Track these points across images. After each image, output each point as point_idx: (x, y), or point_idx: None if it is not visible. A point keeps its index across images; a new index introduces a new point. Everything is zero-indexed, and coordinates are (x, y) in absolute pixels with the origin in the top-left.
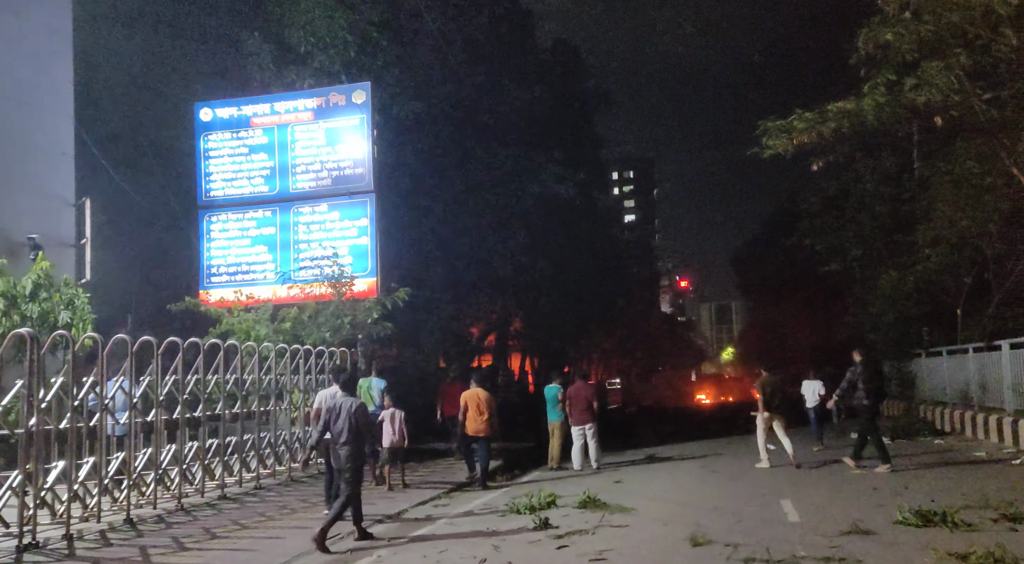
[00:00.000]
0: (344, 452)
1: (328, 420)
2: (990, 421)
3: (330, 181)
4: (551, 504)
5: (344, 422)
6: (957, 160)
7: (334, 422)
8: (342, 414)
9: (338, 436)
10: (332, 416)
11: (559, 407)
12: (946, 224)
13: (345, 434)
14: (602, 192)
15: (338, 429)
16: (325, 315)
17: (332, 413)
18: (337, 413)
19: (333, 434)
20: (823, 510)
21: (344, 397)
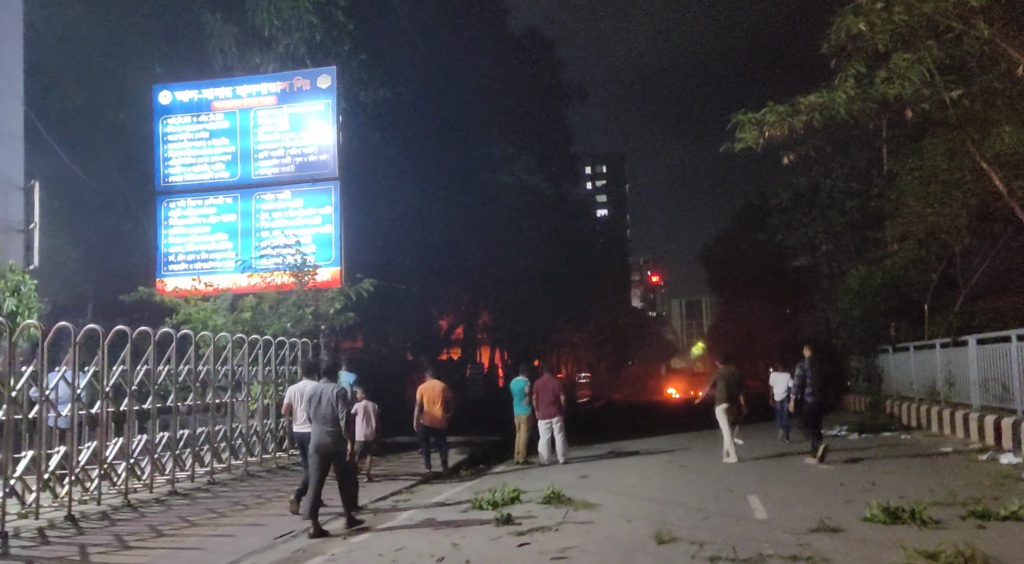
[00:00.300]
0: (330, 437)
1: (308, 409)
2: (956, 416)
3: (293, 168)
4: (514, 499)
5: (327, 407)
6: (926, 156)
7: (316, 408)
8: (323, 400)
9: (320, 421)
10: (314, 403)
11: (525, 400)
12: (914, 219)
13: (329, 419)
14: (573, 185)
15: (321, 415)
16: (286, 305)
17: (313, 400)
18: (318, 399)
19: (315, 420)
20: (790, 506)
21: (325, 383)
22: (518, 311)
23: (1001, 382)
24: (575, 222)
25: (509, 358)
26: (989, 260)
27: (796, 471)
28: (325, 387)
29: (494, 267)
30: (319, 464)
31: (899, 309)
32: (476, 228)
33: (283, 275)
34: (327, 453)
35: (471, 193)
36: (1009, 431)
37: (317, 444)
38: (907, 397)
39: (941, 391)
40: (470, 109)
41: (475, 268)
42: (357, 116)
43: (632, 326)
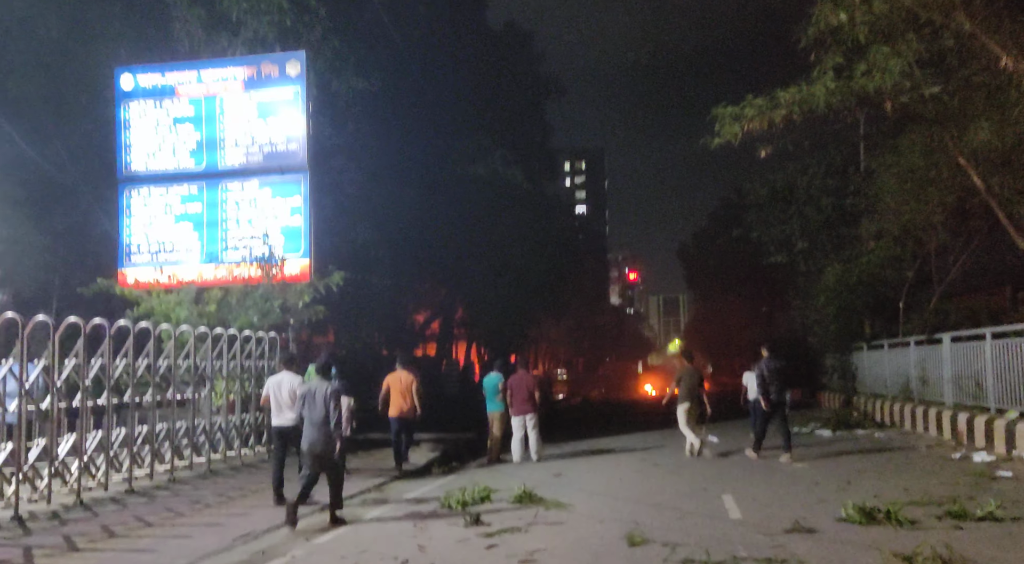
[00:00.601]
0: (321, 435)
1: (302, 405)
2: (930, 414)
3: (261, 157)
4: (485, 499)
5: (320, 406)
6: (903, 153)
7: (310, 406)
8: (317, 398)
9: (313, 419)
10: (307, 401)
11: (499, 397)
12: (891, 217)
13: (322, 418)
14: (552, 180)
15: (315, 413)
16: (253, 298)
17: (307, 397)
18: (312, 397)
19: (308, 417)
20: (765, 506)
21: (319, 382)
22: (494, 306)
23: (975, 380)
24: (553, 216)
25: (486, 354)
26: (964, 258)
27: (771, 470)
28: (319, 385)
29: (470, 261)
30: (310, 462)
31: (874, 307)
32: (451, 221)
33: (250, 267)
34: (318, 452)
35: (446, 186)
36: (982, 429)
37: (310, 443)
38: (881, 395)
39: (915, 389)
40: (446, 101)
41: (450, 262)
42: (329, 106)
43: (610, 323)
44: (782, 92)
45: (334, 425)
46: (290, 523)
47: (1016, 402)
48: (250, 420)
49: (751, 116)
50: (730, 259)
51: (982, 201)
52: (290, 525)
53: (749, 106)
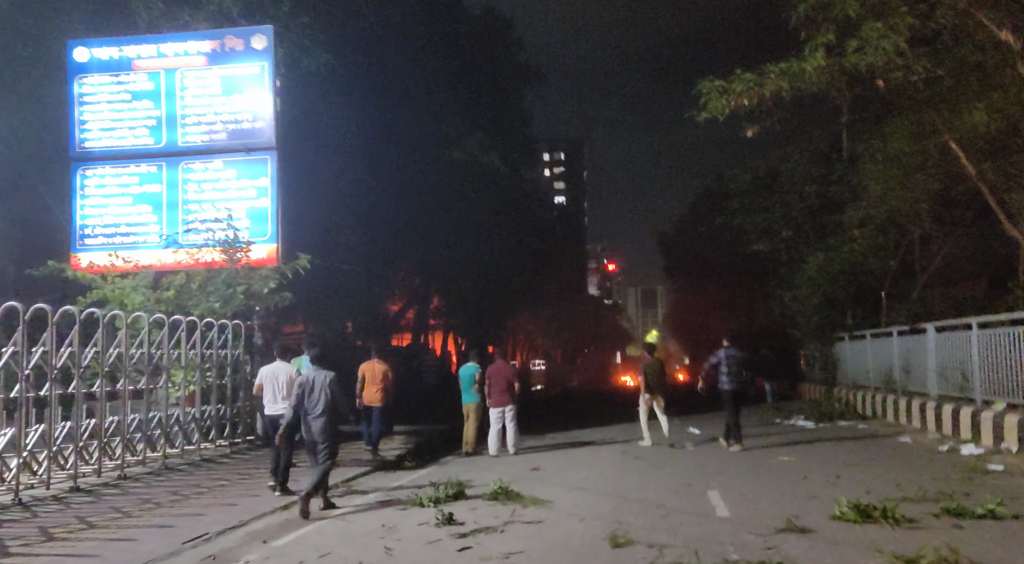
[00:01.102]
0: (319, 424)
1: (301, 395)
2: (913, 406)
3: (225, 135)
4: (458, 495)
5: (319, 395)
6: (889, 138)
7: (308, 395)
8: (316, 387)
9: (313, 409)
10: (306, 389)
11: (475, 388)
12: (875, 203)
13: (321, 407)
14: (531, 168)
15: (313, 402)
16: (215, 283)
17: (305, 387)
18: (311, 386)
19: (307, 407)
20: (754, 503)
21: (317, 370)
22: (471, 294)
23: (960, 371)
24: (532, 204)
25: (463, 344)
26: (948, 247)
27: (755, 463)
28: (317, 374)
29: (445, 248)
30: (309, 449)
31: (857, 297)
32: (427, 207)
33: (213, 251)
34: (316, 440)
35: (421, 170)
36: (968, 421)
37: (309, 432)
38: (863, 386)
39: (898, 380)
40: (421, 84)
41: (425, 249)
42: (299, 84)
43: (588, 313)
44: (772, 66)
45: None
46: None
47: (1003, 393)
48: (211, 412)
49: (739, 90)
50: (711, 248)
51: (969, 188)
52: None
53: (738, 80)
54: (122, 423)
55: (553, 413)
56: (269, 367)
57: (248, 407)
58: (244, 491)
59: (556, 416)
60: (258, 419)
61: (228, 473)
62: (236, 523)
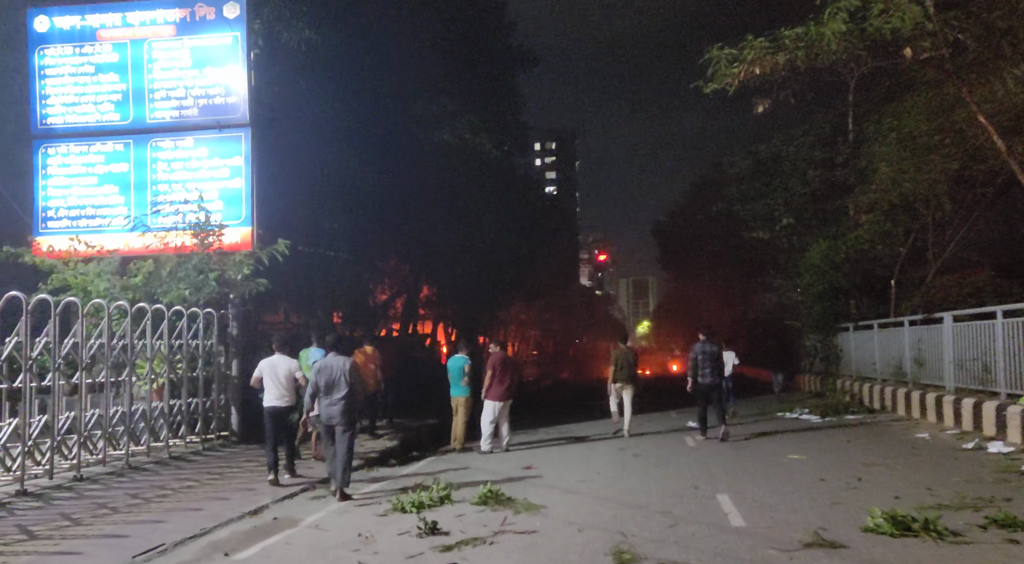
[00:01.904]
0: (339, 408)
1: (318, 383)
2: (928, 399)
3: (196, 111)
4: (444, 499)
5: (340, 379)
6: (903, 117)
7: (328, 380)
8: (336, 372)
9: (333, 393)
10: (324, 377)
11: (464, 381)
12: (888, 186)
13: (342, 391)
14: (523, 155)
15: (334, 387)
16: (186, 269)
17: (323, 372)
18: (330, 372)
19: (327, 391)
20: (770, 510)
21: (335, 356)
22: (462, 282)
23: (981, 362)
24: (524, 189)
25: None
26: (964, 230)
27: (765, 462)
28: (335, 360)
29: (434, 235)
30: (329, 434)
31: (862, 285)
32: (415, 191)
33: (184, 235)
34: (334, 425)
35: (409, 153)
36: (992, 416)
37: (328, 417)
38: (869, 378)
39: (909, 372)
40: (409, 63)
41: (414, 234)
42: (279, 59)
43: (580, 304)
44: (787, 32)
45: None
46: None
47: None
48: (182, 407)
49: (751, 58)
50: (707, 237)
51: (990, 168)
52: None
53: (749, 48)
54: (79, 419)
55: (546, 405)
56: (268, 360)
57: (223, 401)
58: (212, 493)
59: (549, 409)
60: (233, 414)
61: (198, 473)
62: (198, 532)
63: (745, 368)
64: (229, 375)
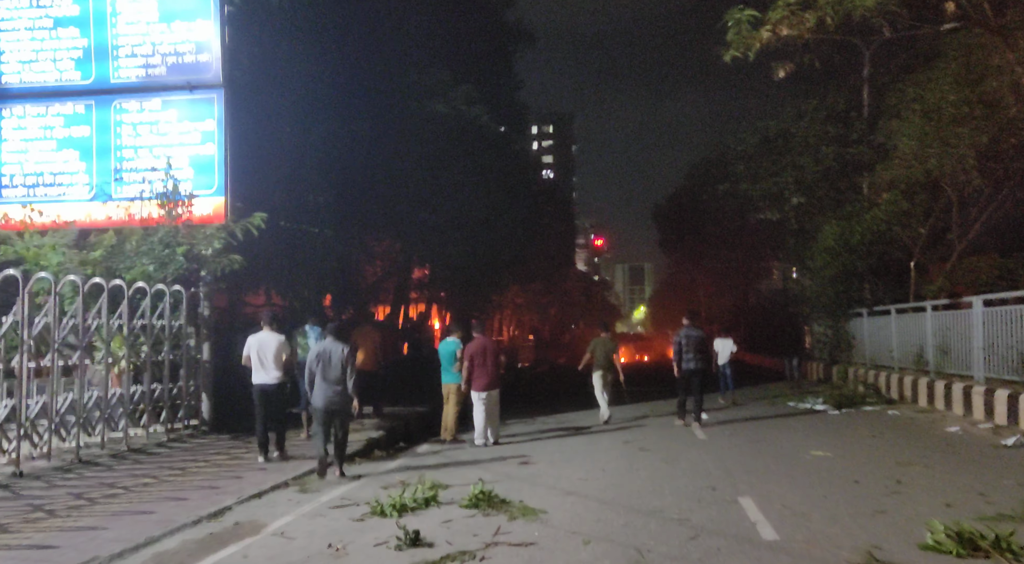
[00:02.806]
0: (338, 393)
1: (314, 368)
2: (954, 390)
3: (165, 69)
4: (430, 501)
5: (337, 365)
6: (930, 87)
7: (327, 366)
8: (333, 359)
9: (331, 378)
10: (322, 360)
11: (456, 367)
12: (910, 162)
13: (341, 377)
14: (520, 135)
15: (331, 373)
16: (150, 243)
17: (323, 356)
18: (328, 357)
19: (324, 376)
20: (804, 519)
21: (333, 342)
22: (456, 264)
23: (1017, 350)
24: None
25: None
26: (991, 208)
27: (786, 459)
28: (334, 346)
29: (427, 211)
30: (325, 420)
31: (877, 268)
32: (406, 164)
33: (150, 205)
34: (334, 410)
35: (400, 124)
36: None
37: (326, 400)
38: (885, 366)
39: (932, 360)
40: (402, 29)
41: (405, 211)
42: (258, 18)
43: (577, 289)
44: None
45: (352, 384)
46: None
47: None
48: (144, 393)
49: (777, 19)
50: (710, 219)
51: (1021, 141)
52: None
53: (778, 6)
54: (19, 407)
55: (542, 393)
56: (256, 336)
57: (193, 387)
58: (170, 492)
59: (545, 396)
60: (204, 401)
61: (158, 467)
62: (143, 541)
63: (747, 355)
64: (199, 359)
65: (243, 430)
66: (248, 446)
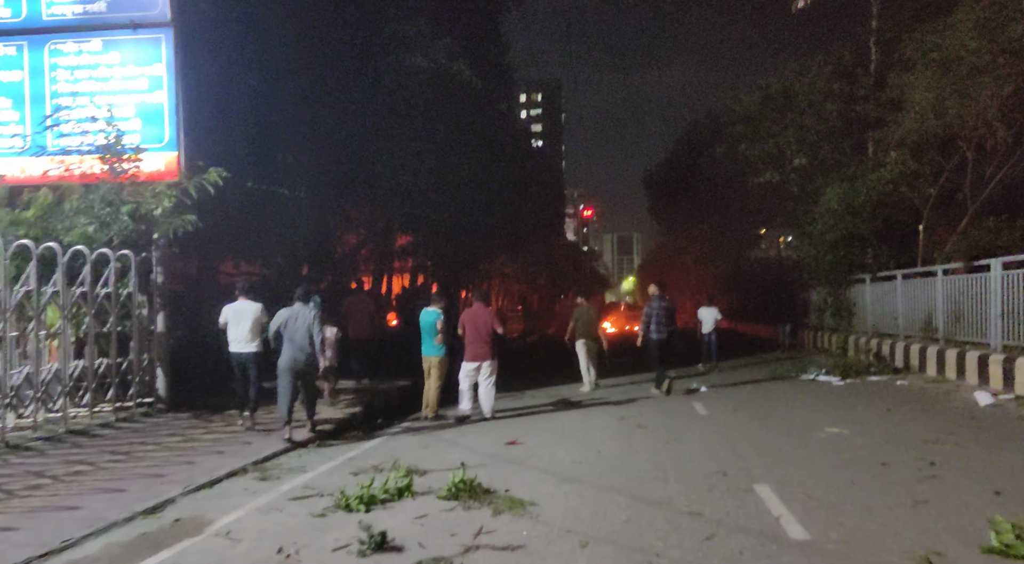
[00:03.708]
0: (304, 354)
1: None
2: (968, 359)
3: (105, 5)
4: (404, 491)
5: (303, 329)
6: (949, 35)
7: (291, 329)
8: (299, 322)
9: (301, 342)
10: (289, 324)
11: (438, 339)
12: (926, 116)
13: (305, 339)
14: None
15: (297, 336)
16: (90, 201)
17: (289, 322)
18: (294, 321)
19: (294, 340)
20: (834, 511)
21: (300, 307)
22: (440, 230)
23: None
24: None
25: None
26: (1010, 164)
27: (800, 437)
28: (301, 310)
29: (408, 174)
30: (290, 381)
31: (882, 232)
32: (385, 123)
33: (90, 160)
34: (299, 371)
35: (378, 78)
36: None
37: (291, 363)
38: (890, 334)
39: (942, 327)
40: None
41: (384, 173)
42: None
43: (566, 258)
44: None
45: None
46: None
47: None
48: (86, 369)
49: None
50: (703, 185)
51: None
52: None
53: None
54: None
55: (532, 364)
56: (232, 306)
57: (146, 361)
58: (106, 482)
59: (535, 368)
60: (159, 377)
61: (98, 452)
62: (56, 545)
63: (739, 324)
64: (152, 330)
65: (205, 407)
66: (208, 426)
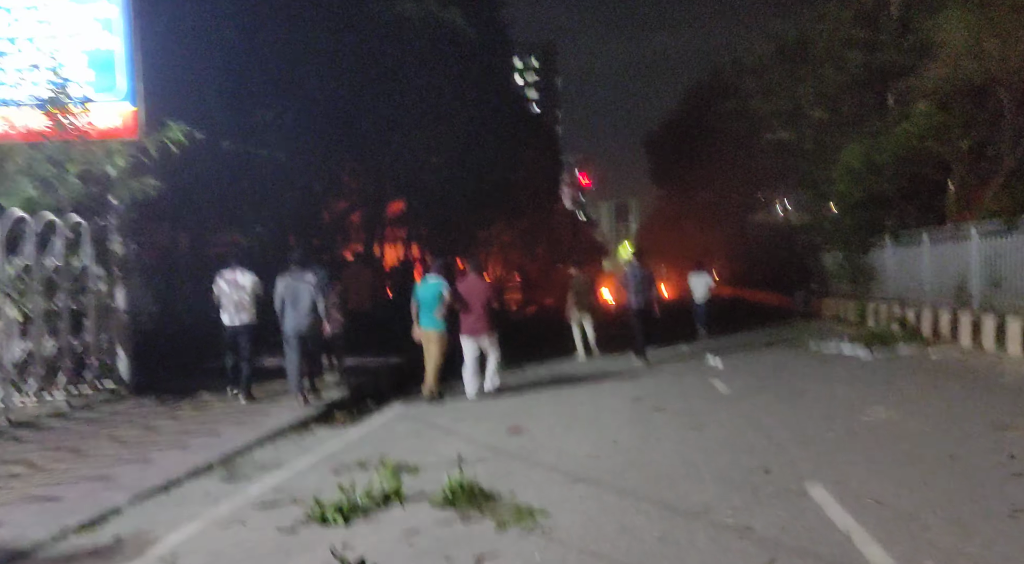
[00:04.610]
0: (308, 321)
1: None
2: (1010, 328)
3: None
4: (392, 496)
5: (305, 295)
6: None
7: (293, 297)
8: (301, 289)
9: (300, 309)
10: (290, 291)
11: (439, 313)
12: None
13: (308, 306)
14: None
15: (300, 302)
16: (34, 160)
17: (290, 289)
18: (296, 289)
19: (297, 307)
20: (916, 523)
21: (300, 272)
22: (434, 195)
23: None
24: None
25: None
26: None
27: (843, 422)
28: (301, 275)
29: (399, 134)
30: (297, 345)
31: (907, 192)
32: (372, 79)
33: (33, 114)
34: (304, 335)
35: (364, 29)
36: None
37: (296, 328)
38: (915, 302)
39: (977, 294)
40: None
41: (373, 133)
42: None
43: (564, 227)
44: None
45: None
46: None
47: None
48: (32, 352)
49: None
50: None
51: None
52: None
53: None
54: None
55: (532, 337)
56: (225, 277)
57: (105, 342)
58: (42, 487)
59: (536, 341)
60: (121, 358)
61: (40, 448)
62: None
63: (745, 291)
64: (112, 306)
65: (172, 391)
66: (174, 413)
